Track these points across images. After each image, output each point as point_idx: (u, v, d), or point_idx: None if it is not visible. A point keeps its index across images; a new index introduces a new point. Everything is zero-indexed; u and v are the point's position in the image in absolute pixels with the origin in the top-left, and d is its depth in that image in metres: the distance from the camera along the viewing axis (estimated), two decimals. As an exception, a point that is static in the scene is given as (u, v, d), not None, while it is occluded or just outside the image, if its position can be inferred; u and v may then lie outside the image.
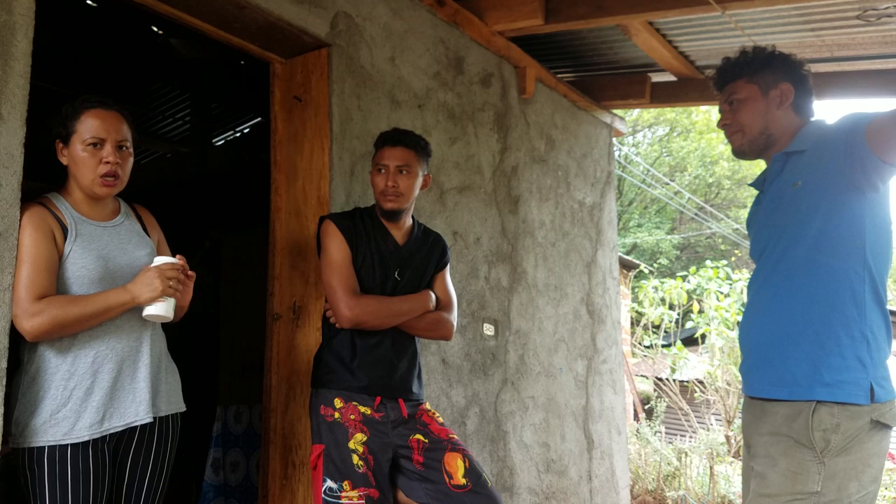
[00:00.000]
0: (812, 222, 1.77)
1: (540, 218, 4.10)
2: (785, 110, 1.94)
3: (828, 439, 1.67)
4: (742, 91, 1.97)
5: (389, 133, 2.38)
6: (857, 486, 1.66)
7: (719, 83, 2.03)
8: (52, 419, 1.82)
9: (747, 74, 1.98)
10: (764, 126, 1.95)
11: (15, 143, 1.84)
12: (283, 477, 2.68)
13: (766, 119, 1.94)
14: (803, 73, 1.97)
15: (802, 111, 1.95)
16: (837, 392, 1.68)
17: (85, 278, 1.88)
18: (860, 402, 1.67)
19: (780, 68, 1.96)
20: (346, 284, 2.22)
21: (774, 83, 1.94)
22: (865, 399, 1.67)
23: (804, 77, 1.97)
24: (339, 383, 2.22)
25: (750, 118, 1.95)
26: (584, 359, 4.31)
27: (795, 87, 1.94)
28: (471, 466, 2.22)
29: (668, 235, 22.00)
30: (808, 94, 1.96)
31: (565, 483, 3.97)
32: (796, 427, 1.71)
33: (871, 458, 1.68)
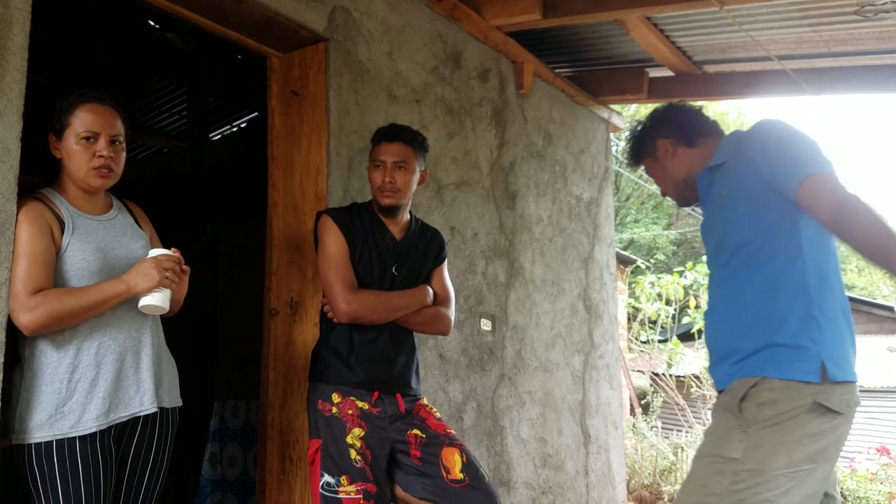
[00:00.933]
0: (743, 224, 1.87)
1: (537, 213, 4.10)
2: (679, 155, 2.11)
3: (760, 411, 1.72)
4: (648, 168, 2.20)
5: (386, 128, 2.38)
6: (785, 462, 1.68)
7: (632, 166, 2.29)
8: (58, 413, 1.82)
9: (640, 157, 2.20)
10: (674, 180, 2.14)
11: (11, 137, 1.84)
12: (280, 472, 2.69)
13: (672, 174, 2.14)
14: (672, 118, 2.15)
15: (696, 139, 2.10)
16: (786, 369, 1.71)
17: (84, 270, 1.88)
18: (808, 379, 1.69)
19: (652, 134, 2.16)
20: (343, 279, 2.22)
21: (654, 148, 2.15)
22: (815, 377, 1.69)
23: (676, 119, 2.15)
24: (336, 378, 2.22)
25: (664, 183, 2.18)
26: (581, 354, 4.32)
27: (672, 135, 2.11)
28: (468, 461, 2.23)
29: (664, 231, 22.02)
30: (689, 127, 2.12)
31: (562, 478, 3.98)
32: (731, 397, 1.78)
33: (806, 439, 1.68)
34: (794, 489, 1.67)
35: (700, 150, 2.09)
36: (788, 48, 4.12)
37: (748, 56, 4.30)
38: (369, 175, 2.35)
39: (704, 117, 2.16)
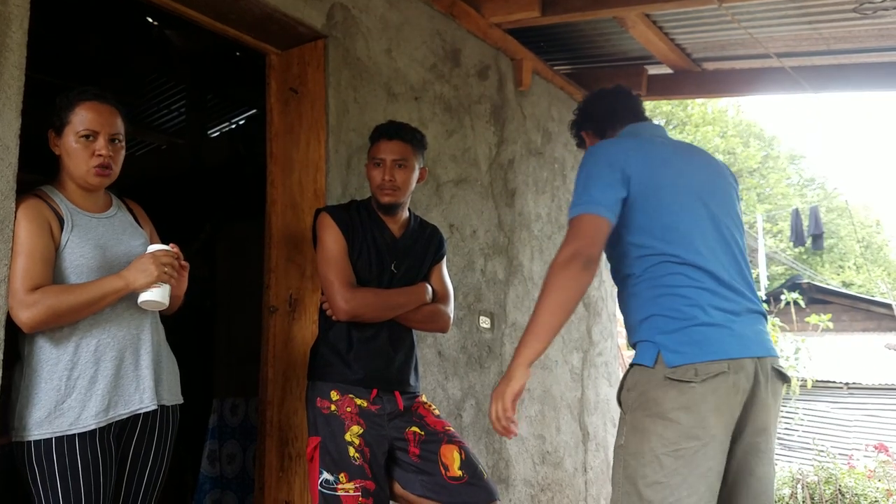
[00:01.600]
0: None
1: (536, 211, 4.10)
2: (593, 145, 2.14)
3: (629, 396, 1.85)
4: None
5: (385, 126, 2.37)
6: (659, 441, 1.74)
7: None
8: (57, 410, 1.82)
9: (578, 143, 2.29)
10: None
11: (10, 134, 1.84)
12: (279, 469, 2.69)
13: None
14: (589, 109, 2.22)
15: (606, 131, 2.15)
16: (639, 357, 1.86)
17: (83, 267, 1.88)
18: (646, 363, 1.82)
19: (577, 125, 2.25)
20: (342, 277, 2.22)
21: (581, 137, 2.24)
22: (650, 362, 1.81)
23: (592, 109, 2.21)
24: (335, 376, 2.22)
25: None
26: (580, 351, 4.32)
27: (590, 126, 2.20)
28: (467, 458, 2.23)
29: (663, 228, 21.98)
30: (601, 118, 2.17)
31: (560, 475, 3.98)
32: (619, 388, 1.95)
33: (670, 413, 1.74)
34: (683, 468, 1.71)
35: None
36: (788, 46, 4.12)
37: (747, 53, 4.30)
38: (368, 173, 2.35)
39: (621, 103, 2.19)
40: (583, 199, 1.86)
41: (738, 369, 1.78)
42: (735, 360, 1.78)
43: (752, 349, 1.83)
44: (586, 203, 1.85)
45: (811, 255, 22.30)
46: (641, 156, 1.94)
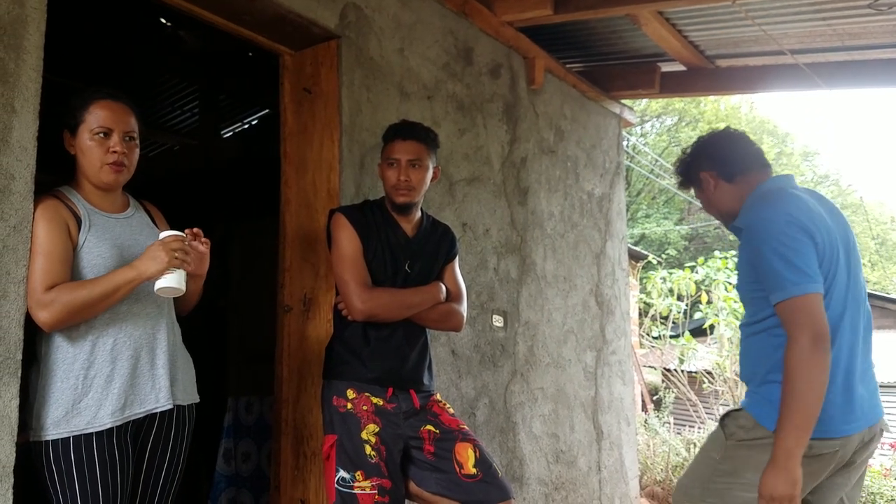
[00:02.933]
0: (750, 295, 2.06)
1: (549, 209, 4.10)
2: (721, 189, 2.18)
3: (738, 431, 1.97)
4: (696, 194, 2.29)
5: (399, 126, 2.38)
6: (751, 477, 1.87)
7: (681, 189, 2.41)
8: (75, 409, 1.83)
9: (686, 184, 2.31)
10: (717, 210, 2.24)
11: (28, 136, 1.85)
12: (294, 467, 2.70)
13: (715, 205, 2.22)
14: (714, 150, 2.21)
15: (735, 175, 2.16)
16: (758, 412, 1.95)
17: (101, 266, 1.89)
18: (767, 427, 1.90)
19: (695, 165, 2.23)
20: (358, 277, 2.22)
21: (697, 179, 2.23)
22: (771, 426, 1.88)
23: (717, 151, 2.20)
24: (351, 374, 2.23)
25: (709, 210, 2.27)
26: (594, 350, 4.32)
27: (713, 168, 2.18)
28: (481, 457, 2.23)
29: (676, 226, 21.94)
30: (729, 162, 2.17)
31: (574, 474, 3.98)
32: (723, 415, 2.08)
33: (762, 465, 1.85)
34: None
35: (739, 187, 2.14)
36: (801, 42, 4.09)
37: (761, 50, 4.27)
38: (382, 172, 2.35)
39: (748, 148, 2.19)
40: (800, 278, 1.83)
41: (847, 443, 1.91)
42: (848, 437, 1.90)
43: (867, 419, 1.94)
44: (806, 282, 1.82)
45: (825, 252, 22.05)
46: (816, 217, 1.95)
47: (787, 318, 1.83)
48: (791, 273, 1.84)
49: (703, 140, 2.28)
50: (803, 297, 1.81)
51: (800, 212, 1.93)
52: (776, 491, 1.79)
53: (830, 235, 1.95)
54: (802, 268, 1.84)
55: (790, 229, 1.89)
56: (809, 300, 1.81)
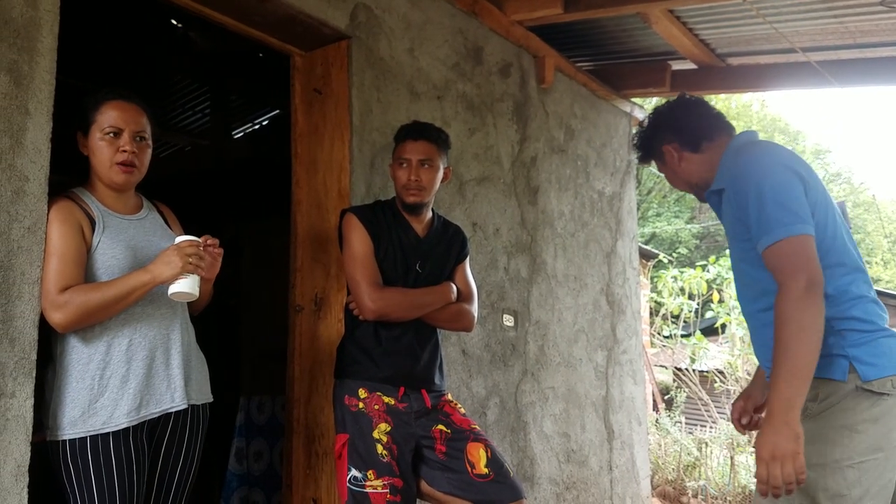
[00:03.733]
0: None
1: (559, 208, 4.09)
2: (686, 160, 2.03)
3: (809, 406, 1.71)
4: (658, 168, 2.14)
5: (411, 126, 2.38)
6: (844, 453, 1.66)
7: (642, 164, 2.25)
8: (91, 409, 1.84)
9: (648, 159, 2.14)
10: (687, 182, 2.08)
11: (42, 138, 1.87)
12: (306, 466, 2.71)
13: (683, 178, 2.07)
14: (674, 120, 2.05)
15: (701, 143, 2.01)
16: (822, 369, 1.70)
17: (115, 268, 1.90)
18: (838, 378, 1.71)
19: (656, 138, 2.07)
20: (369, 277, 2.23)
21: (660, 153, 2.07)
22: (843, 376, 1.71)
23: (678, 121, 2.04)
24: (363, 374, 2.24)
25: (676, 184, 2.12)
26: (604, 349, 4.31)
27: (675, 139, 2.03)
28: (493, 456, 2.23)
29: (687, 225, 21.85)
30: (692, 131, 2.02)
31: (586, 473, 3.97)
32: None
33: (859, 425, 1.67)
34: (866, 480, 1.65)
35: (707, 156, 2.01)
36: (813, 40, 4.07)
37: (772, 48, 4.25)
38: (393, 173, 2.36)
39: (708, 114, 2.05)
40: (789, 218, 1.68)
41: None
42: None
43: None
44: (794, 222, 1.68)
45: (838, 250, 21.93)
46: (804, 163, 1.82)
47: (779, 263, 1.68)
48: (782, 214, 1.69)
49: (660, 111, 2.11)
50: (797, 238, 1.67)
51: (785, 155, 1.81)
52: (778, 449, 1.60)
53: (821, 185, 1.81)
54: (795, 209, 1.69)
55: (778, 170, 1.75)
56: (802, 242, 1.66)
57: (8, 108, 1.81)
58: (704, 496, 6.14)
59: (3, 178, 1.78)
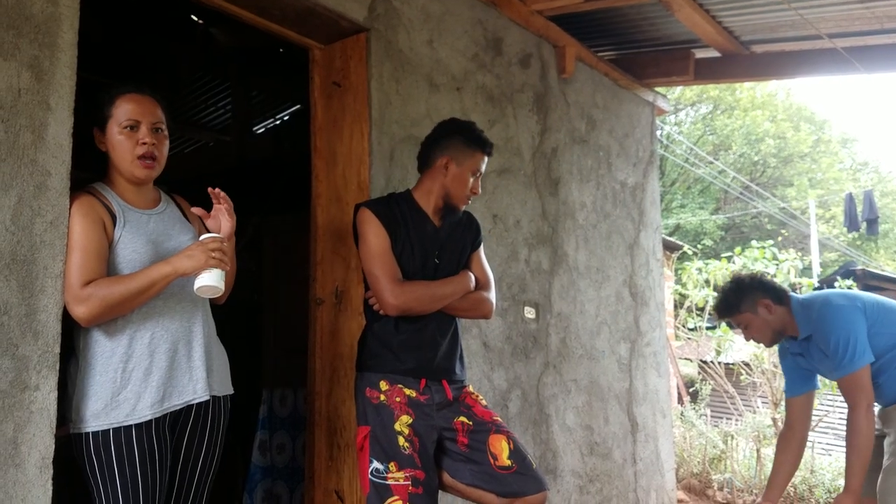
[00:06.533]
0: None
1: (581, 199, 4.06)
2: (777, 312, 2.80)
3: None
4: (743, 319, 2.84)
5: (487, 140, 2.39)
6: None
7: (722, 318, 3.02)
8: (114, 401, 1.86)
9: (736, 311, 2.85)
10: (774, 330, 2.83)
11: (63, 133, 1.88)
12: (328, 458, 2.72)
13: (773, 326, 2.82)
14: (765, 282, 2.86)
15: (783, 299, 2.81)
16: None
17: (136, 262, 1.92)
18: None
19: (751, 293, 2.82)
20: (388, 272, 2.22)
21: (754, 305, 2.81)
22: None
23: (768, 283, 2.86)
24: (384, 366, 2.23)
25: (761, 332, 2.84)
26: (628, 341, 4.27)
27: (769, 296, 2.80)
28: (515, 448, 2.22)
29: (712, 216, 21.62)
30: (778, 290, 2.83)
31: (609, 466, 3.95)
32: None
33: None
34: None
35: (787, 308, 2.80)
36: (839, 26, 3.99)
37: (797, 35, 4.17)
38: (459, 177, 2.33)
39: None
40: (857, 356, 2.60)
41: None
42: None
43: None
44: (861, 357, 2.60)
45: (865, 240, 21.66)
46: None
47: (854, 389, 2.63)
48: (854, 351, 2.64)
49: (745, 278, 2.88)
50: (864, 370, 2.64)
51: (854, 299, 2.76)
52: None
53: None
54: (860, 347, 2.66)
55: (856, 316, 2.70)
56: (864, 373, 2.64)
57: (29, 103, 1.82)
58: (730, 489, 6.08)
59: (26, 173, 1.80)
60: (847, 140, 24.94)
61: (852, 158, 24.76)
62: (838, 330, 2.65)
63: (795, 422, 2.92)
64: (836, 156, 23.81)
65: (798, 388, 2.93)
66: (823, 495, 5.63)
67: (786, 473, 2.95)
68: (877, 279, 11.30)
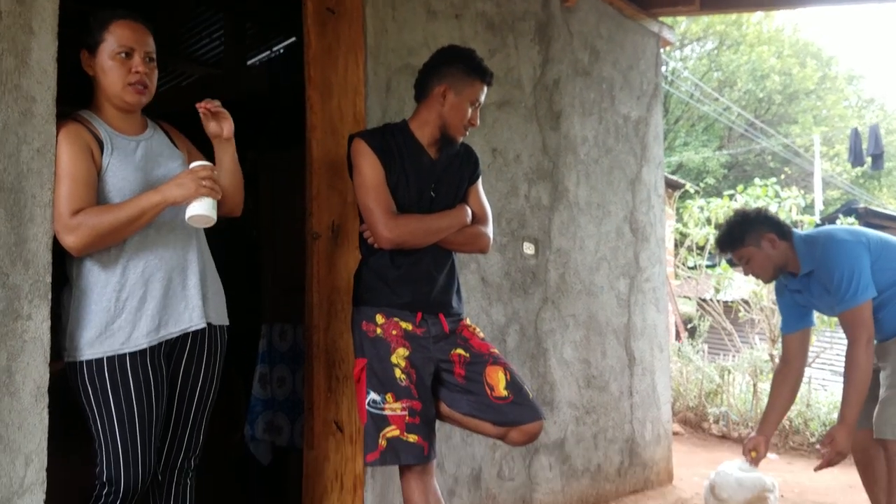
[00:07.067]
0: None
1: (583, 133, 3.99)
2: (780, 247, 2.80)
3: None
4: (745, 254, 2.84)
5: (487, 69, 2.31)
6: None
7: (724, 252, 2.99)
8: (108, 330, 1.86)
9: (740, 245, 2.83)
10: (776, 266, 2.83)
11: (47, 58, 1.83)
12: (327, 390, 2.74)
13: (775, 262, 2.82)
14: (770, 217, 2.86)
15: (786, 235, 2.82)
16: None
17: (125, 190, 1.89)
18: None
19: (756, 228, 2.81)
20: (383, 205, 2.18)
21: (758, 239, 2.81)
22: None
23: (773, 218, 2.86)
24: (380, 300, 2.22)
25: (763, 267, 2.84)
26: (627, 277, 4.26)
27: (773, 231, 2.80)
28: (512, 379, 2.23)
29: (715, 153, 21.43)
30: (782, 225, 2.84)
31: (606, 398, 3.99)
32: None
33: None
34: None
35: (789, 244, 2.80)
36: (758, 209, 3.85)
37: (809, -40, 4.04)
38: (457, 106, 2.26)
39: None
40: (860, 291, 2.62)
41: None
42: None
43: None
44: (864, 292, 2.62)
45: (868, 179, 21.56)
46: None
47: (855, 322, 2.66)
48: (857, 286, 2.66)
49: (751, 212, 2.90)
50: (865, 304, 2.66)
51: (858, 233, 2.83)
52: (847, 447, 2.63)
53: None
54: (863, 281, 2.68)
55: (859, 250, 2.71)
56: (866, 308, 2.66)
57: (11, 26, 1.76)
58: (726, 422, 6.18)
59: (10, 100, 1.75)
60: (853, 77, 24.55)
61: (858, 95, 24.41)
62: (842, 264, 2.65)
63: (792, 358, 2.94)
64: (842, 93, 23.47)
65: (794, 325, 2.94)
66: (819, 428, 5.72)
67: (780, 409, 2.99)
68: (879, 217, 11.26)
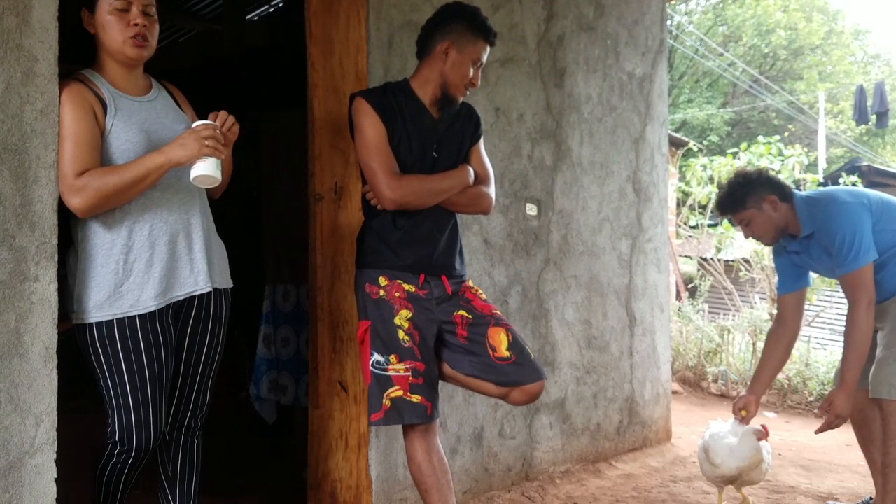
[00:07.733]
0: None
1: (587, 91, 3.95)
2: (782, 209, 2.78)
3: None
4: (746, 215, 2.82)
5: (492, 29, 2.29)
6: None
7: (724, 214, 2.94)
8: (117, 293, 1.87)
9: (742, 207, 2.81)
10: (777, 227, 2.81)
11: (48, 16, 1.80)
12: (331, 351, 2.76)
13: (776, 224, 2.80)
14: (772, 178, 2.85)
15: (787, 197, 2.79)
16: None
17: (129, 151, 1.88)
18: None
19: (758, 189, 2.78)
20: (385, 166, 2.17)
21: (760, 200, 2.78)
22: None
23: (774, 179, 2.84)
24: (383, 262, 2.22)
25: (765, 229, 2.81)
26: (629, 238, 4.26)
27: (775, 192, 2.78)
28: (514, 340, 2.25)
29: (719, 110, 21.23)
30: (784, 187, 2.82)
31: (606, 358, 4.02)
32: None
33: None
34: None
35: (790, 205, 2.78)
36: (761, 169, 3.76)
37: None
38: (459, 64, 2.24)
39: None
40: (861, 253, 2.60)
41: None
42: None
43: None
44: (865, 255, 2.60)
45: (872, 136, 21.40)
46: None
47: (856, 285, 2.64)
48: (858, 249, 2.63)
49: (753, 173, 2.84)
50: (866, 267, 2.63)
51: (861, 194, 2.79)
52: (846, 410, 2.64)
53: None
54: (865, 244, 2.66)
55: (862, 213, 2.70)
56: (867, 271, 2.63)
57: (10, -16, 1.73)
58: (724, 381, 6.25)
59: (12, 59, 1.72)
60: (860, 32, 24.17)
61: (864, 51, 24.07)
62: (844, 227, 2.64)
63: (788, 318, 2.95)
64: (848, 48, 23.14)
65: (791, 285, 2.95)
66: (817, 387, 5.78)
67: (773, 369, 3.01)
68: (882, 175, 11.21)
